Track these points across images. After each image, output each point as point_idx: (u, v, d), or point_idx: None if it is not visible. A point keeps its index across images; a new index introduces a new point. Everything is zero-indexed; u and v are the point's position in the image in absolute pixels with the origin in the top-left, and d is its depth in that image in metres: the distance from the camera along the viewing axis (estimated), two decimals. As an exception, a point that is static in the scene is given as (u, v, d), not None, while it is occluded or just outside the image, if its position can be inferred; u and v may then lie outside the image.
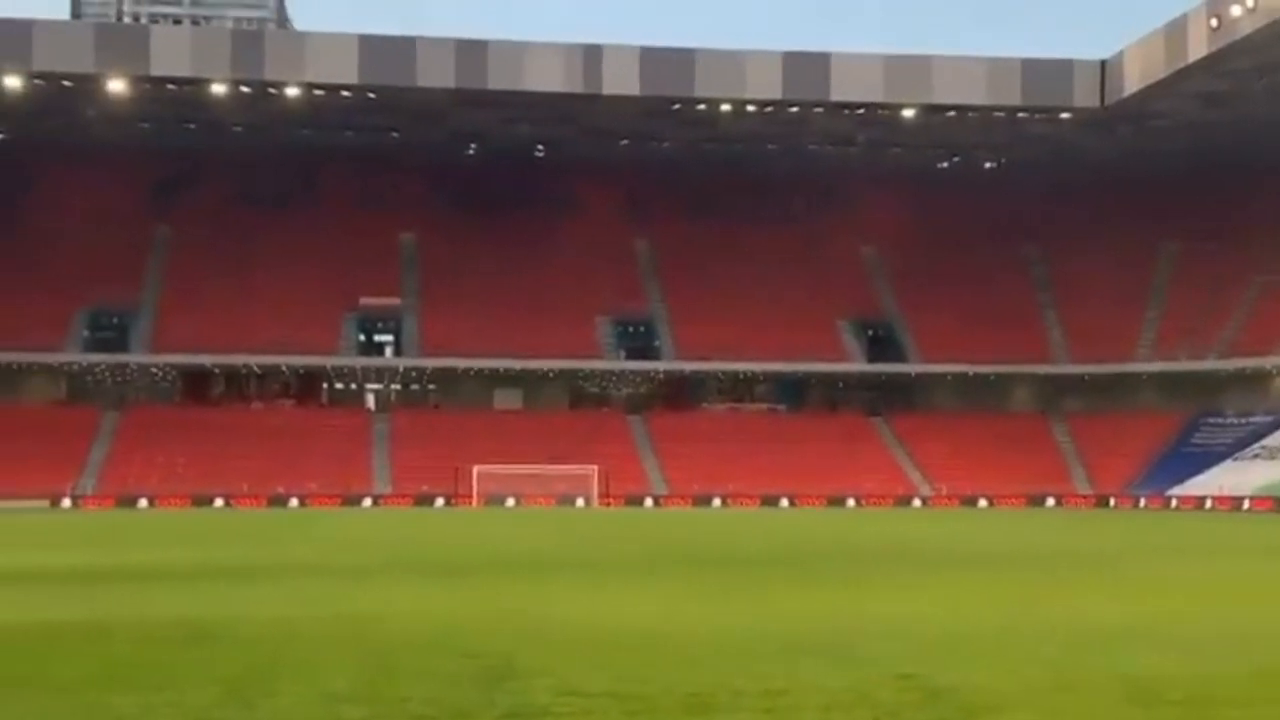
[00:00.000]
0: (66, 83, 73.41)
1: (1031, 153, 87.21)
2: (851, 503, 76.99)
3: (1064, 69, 77.36)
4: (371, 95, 75.86)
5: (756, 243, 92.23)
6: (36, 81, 72.57)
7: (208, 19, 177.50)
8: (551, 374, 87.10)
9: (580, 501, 76.26)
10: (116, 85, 73.28)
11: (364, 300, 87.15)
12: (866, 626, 15.06)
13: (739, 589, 20.11)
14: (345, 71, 73.76)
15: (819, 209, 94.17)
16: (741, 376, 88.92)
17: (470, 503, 74.94)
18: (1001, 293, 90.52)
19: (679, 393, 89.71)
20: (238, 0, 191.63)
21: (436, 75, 74.10)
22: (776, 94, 76.34)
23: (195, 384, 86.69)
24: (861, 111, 78.83)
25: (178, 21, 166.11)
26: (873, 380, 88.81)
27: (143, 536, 37.56)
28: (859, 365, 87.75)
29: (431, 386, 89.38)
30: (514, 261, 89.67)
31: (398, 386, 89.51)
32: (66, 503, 73.79)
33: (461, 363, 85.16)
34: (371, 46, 74.33)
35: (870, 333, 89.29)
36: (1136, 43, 74.54)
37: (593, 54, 75.65)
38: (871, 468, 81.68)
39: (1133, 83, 73.83)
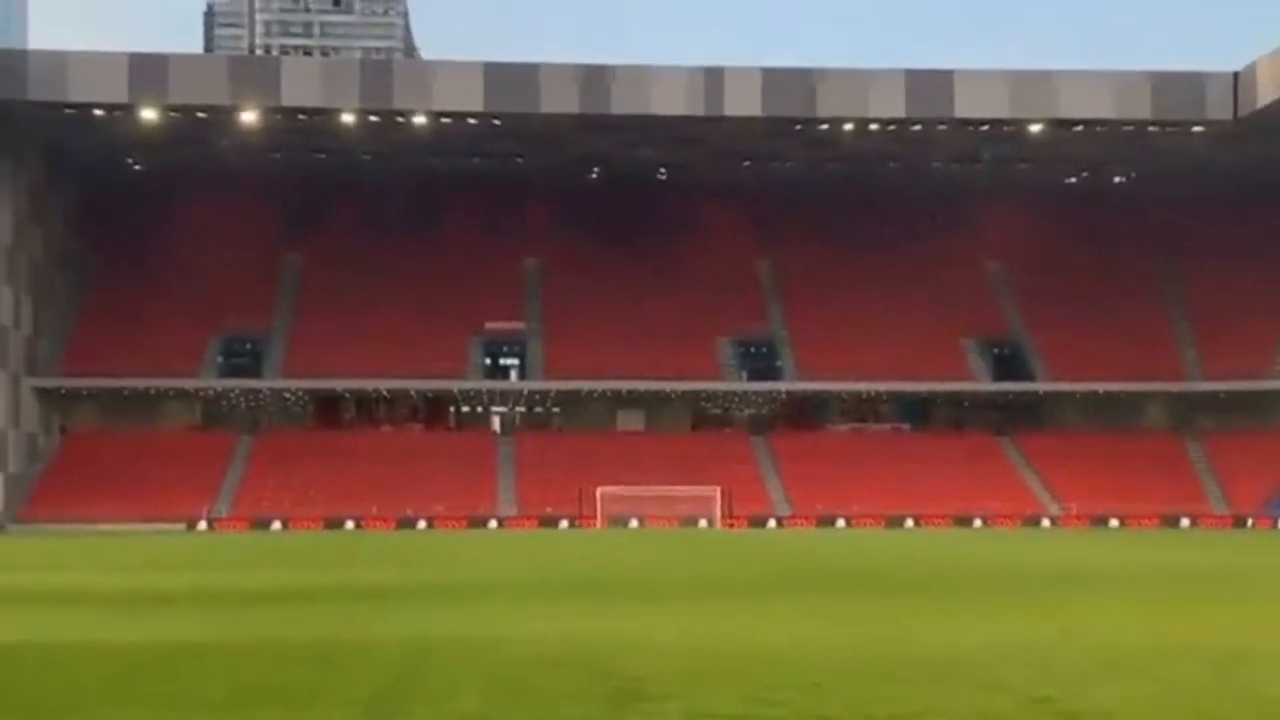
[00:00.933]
0: (201, 114, 75.41)
1: (1163, 167, 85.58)
2: (978, 523, 75.99)
3: (1195, 82, 75.88)
4: (496, 122, 76.82)
5: (879, 261, 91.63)
6: (172, 114, 74.64)
7: (337, 50, 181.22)
8: (674, 395, 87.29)
9: (703, 522, 76.25)
10: (249, 116, 75.10)
11: (489, 324, 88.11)
12: (1000, 649, 14.89)
13: (868, 610, 19.99)
14: (471, 99, 74.81)
15: (943, 226, 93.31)
16: (865, 396, 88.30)
17: (594, 524, 75.32)
18: (1132, 309, 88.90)
19: (802, 413, 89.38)
20: (367, 31, 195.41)
21: (560, 101, 74.85)
22: (900, 112, 75.90)
23: (326, 408, 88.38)
24: (986, 128, 78.07)
25: (308, 53, 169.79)
26: (999, 399, 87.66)
27: (276, 558, 38.32)
28: (985, 384, 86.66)
29: (555, 409, 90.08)
30: (636, 284, 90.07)
31: (522, 409, 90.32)
32: (203, 525, 75.51)
33: (585, 385, 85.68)
34: (496, 74, 75.30)
35: (996, 351, 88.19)
36: (1269, 54, 72.89)
37: (715, 76, 75.90)
38: (998, 487, 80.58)
39: (1266, 94, 72.19)
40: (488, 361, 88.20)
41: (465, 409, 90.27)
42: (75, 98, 72.80)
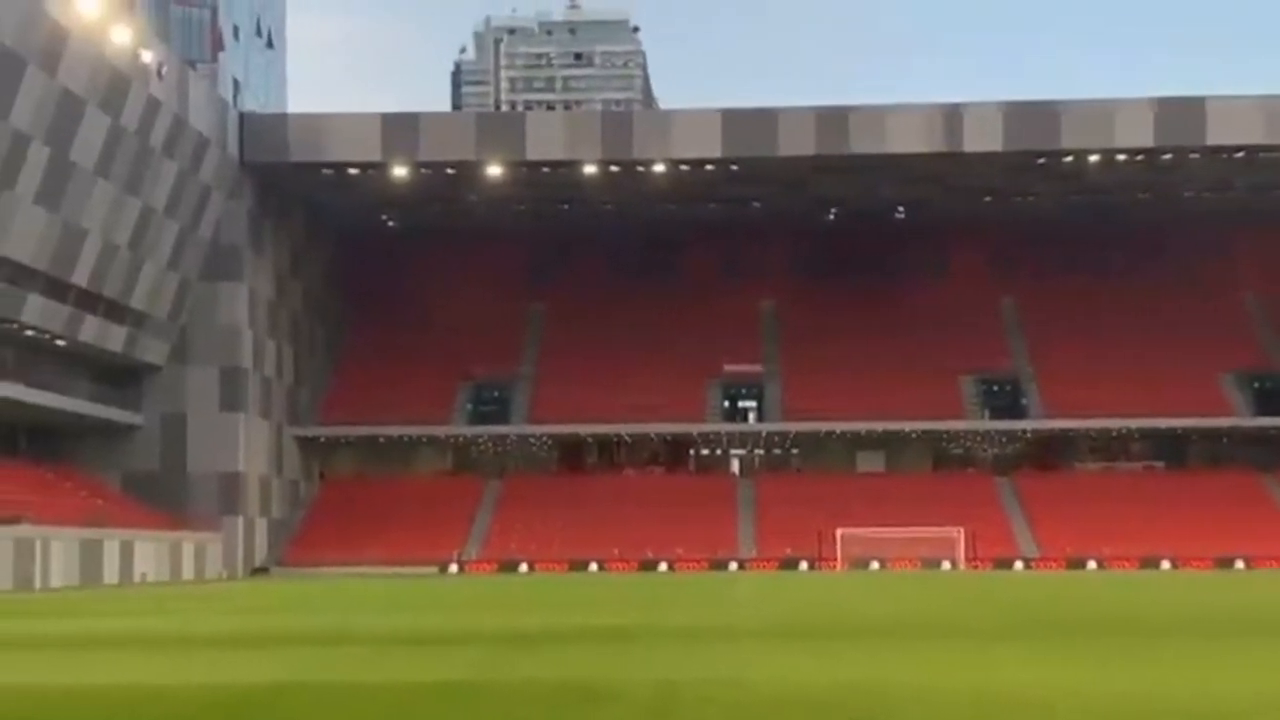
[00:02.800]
0: (450, 170, 78.17)
1: None
2: (1240, 565, 72.83)
3: None
4: (734, 167, 77.53)
5: (1129, 295, 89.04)
6: (423, 170, 77.56)
7: (579, 103, 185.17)
8: (915, 435, 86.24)
9: (946, 564, 75.03)
10: (495, 170, 77.47)
11: (727, 367, 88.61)
12: (1271, 698, 14.34)
13: (1127, 655, 19.43)
14: (709, 146, 75.73)
15: (1196, 257, 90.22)
16: (1115, 434, 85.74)
17: (835, 566, 74.81)
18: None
19: (1048, 452, 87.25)
20: (607, 83, 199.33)
21: (797, 143, 75.21)
22: (1148, 141, 73.93)
23: (570, 452, 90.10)
24: (1240, 155, 75.30)
25: (551, 107, 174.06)
26: (1260, 435, 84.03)
27: (525, 600, 39.18)
28: (1245, 419, 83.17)
29: (794, 450, 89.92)
30: (875, 323, 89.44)
31: (761, 451, 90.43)
32: (453, 568, 77.64)
33: (824, 426, 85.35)
34: (734, 120, 76.07)
35: (1256, 384, 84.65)
36: None
37: (954, 113, 75.18)
38: (1262, 528, 77.13)
39: None
40: (726, 404, 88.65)
41: (705, 451, 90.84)
42: (332, 158, 76.33)
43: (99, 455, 74.86)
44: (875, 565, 75.05)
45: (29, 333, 63.60)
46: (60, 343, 66.34)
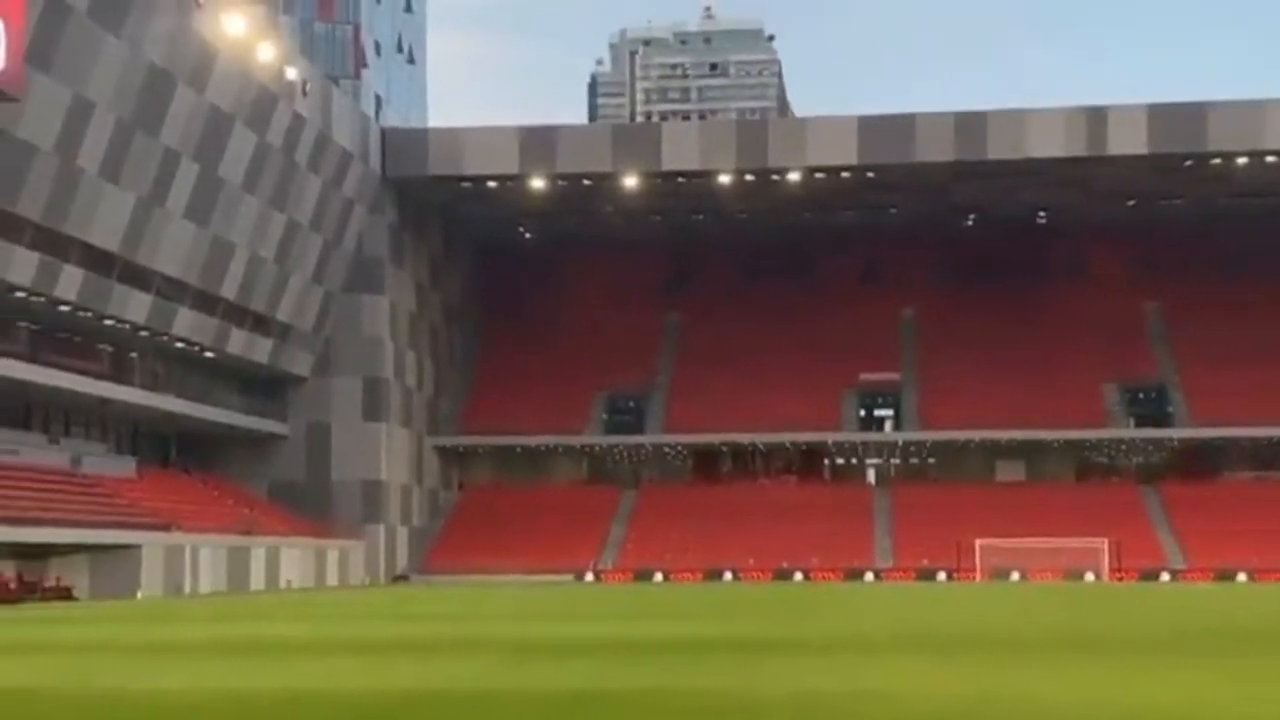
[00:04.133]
0: (586, 181, 78.80)
1: None
2: (1402, 580, 70.36)
3: None
4: (870, 174, 77.03)
5: (1278, 299, 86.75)
6: (560, 182, 78.29)
7: (714, 112, 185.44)
8: (1056, 444, 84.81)
9: (1089, 575, 73.61)
10: (630, 181, 77.90)
11: (863, 376, 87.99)
12: None
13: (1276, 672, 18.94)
14: (845, 153, 75.37)
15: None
16: (1266, 442, 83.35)
17: (973, 577, 73.84)
18: None
19: (1195, 461, 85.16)
20: (742, 92, 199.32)
21: (935, 149, 74.54)
22: (1299, 142, 71.98)
23: (705, 462, 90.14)
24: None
25: (686, 117, 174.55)
26: None
27: (660, 609, 39.31)
28: None
29: (931, 460, 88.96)
30: (1015, 331, 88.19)
31: (897, 460, 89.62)
32: (589, 576, 78.13)
33: (962, 435, 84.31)
34: (870, 126, 75.60)
35: None
36: None
37: (1097, 116, 73.91)
38: None
39: None
40: (862, 413, 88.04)
41: (840, 461, 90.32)
42: (471, 171, 77.46)
43: (246, 464, 76.71)
44: (1016, 576, 73.91)
45: (179, 345, 65.45)
46: (209, 355, 68.15)
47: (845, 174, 77.35)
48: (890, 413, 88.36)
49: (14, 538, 49.62)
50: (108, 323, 59.21)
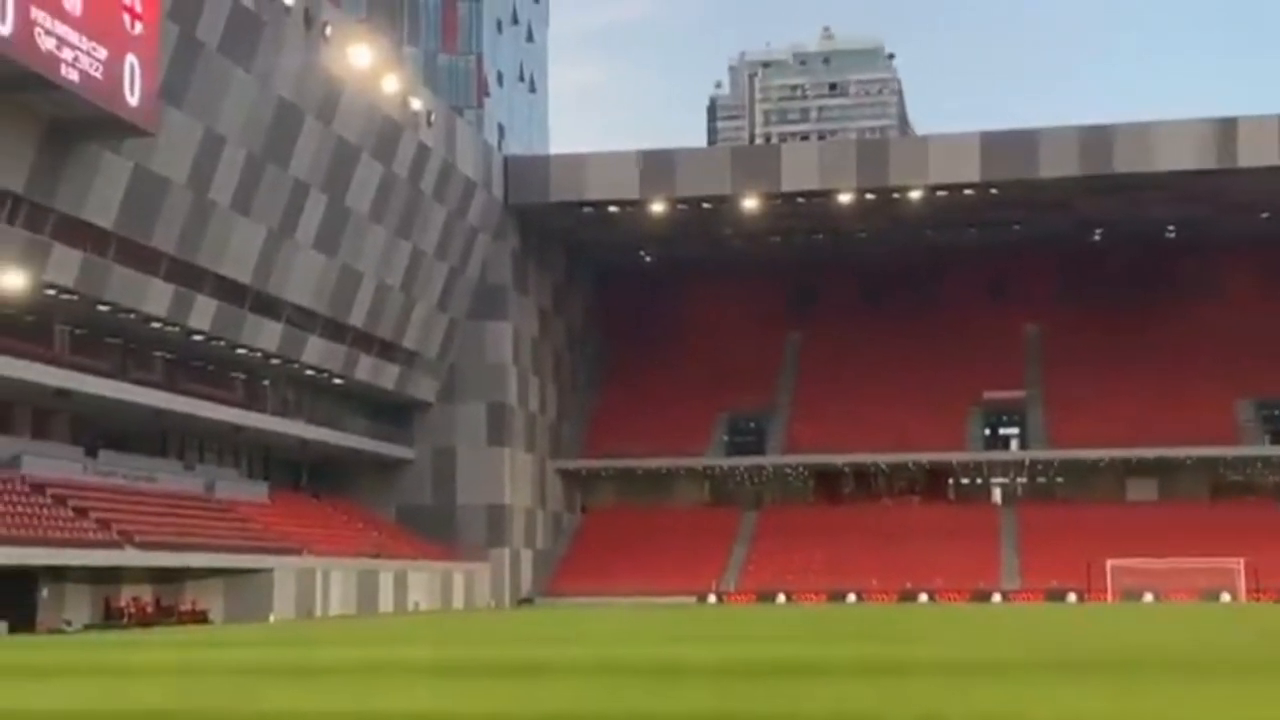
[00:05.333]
0: (706, 204, 79.04)
1: None
2: None
3: None
4: (994, 190, 76.28)
5: None
6: (680, 206, 78.64)
7: (833, 132, 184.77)
8: (1189, 462, 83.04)
9: (1225, 596, 71.94)
10: (750, 203, 77.98)
11: (988, 394, 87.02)
12: None
13: None
14: (967, 170, 74.78)
15: None
16: None
17: (1104, 598, 72.57)
18: None
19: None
20: (862, 111, 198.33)
21: (1059, 164, 73.67)
22: None
23: (826, 483, 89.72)
24: None
25: (805, 138, 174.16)
26: None
27: (784, 631, 39.19)
28: None
29: (1059, 479, 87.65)
30: (1143, 346, 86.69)
31: (1024, 480, 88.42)
32: (712, 598, 78.08)
33: (1090, 454, 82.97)
34: (993, 143, 74.95)
35: None
36: None
37: (1226, 127, 72.48)
38: None
39: None
40: (987, 432, 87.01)
41: (965, 480, 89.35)
42: (592, 197, 78.16)
43: (374, 489, 77.97)
44: (1149, 598, 72.49)
45: (309, 372, 66.81)
46: (338, 382, 69.46)
47: (968, 191, 76.71)
48: (1016, 431, 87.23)
49: (151, 562, 50.95)
50: (240, 351, 60.67)
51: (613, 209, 79.69)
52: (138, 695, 19.20)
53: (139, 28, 45.53)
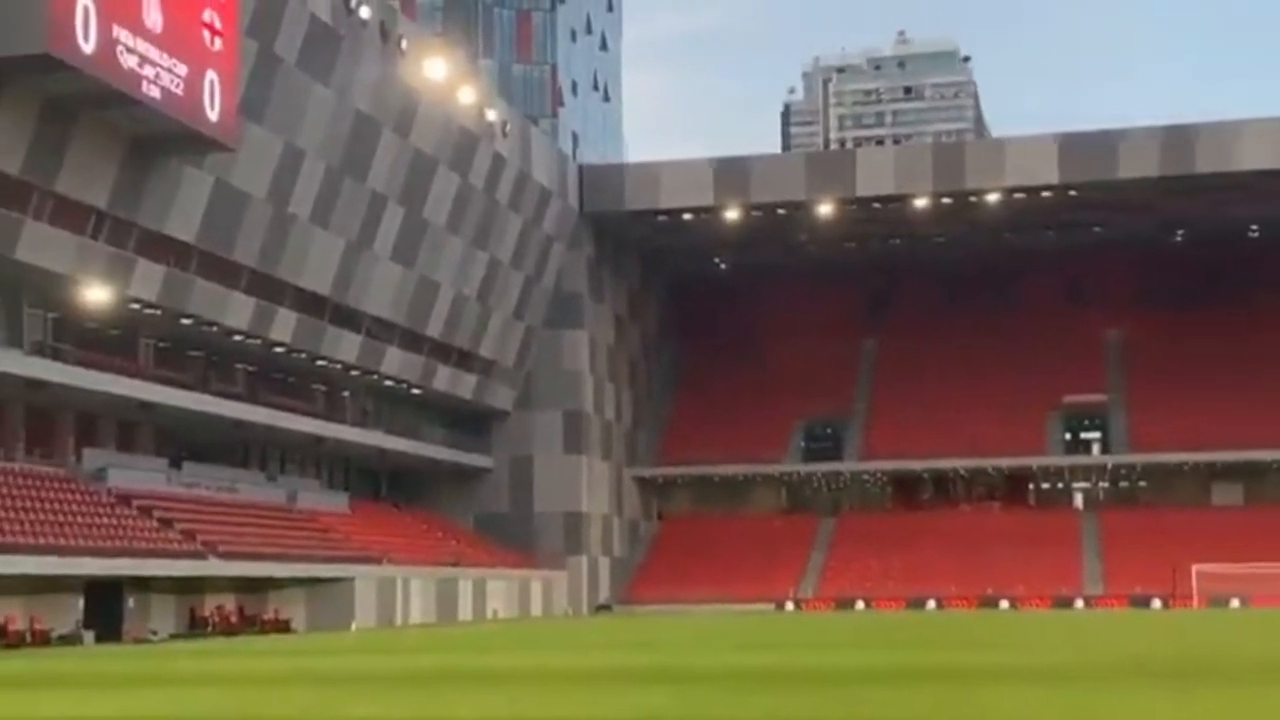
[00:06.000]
0: (780, 211, 78.90)
1: None
2: None
3: None
4: (1072, 192, 75.54)
5: None
6: (754, 213, 78.56)
7: (909, 136, 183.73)
8: (1275, 465, 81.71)
9: (1317, 603, 70.66)
10: (825, 209, 77.77)
11: (1068, 398, 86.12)
12: None
13: None
14: (1045, 172, 74.13)
15: None
16: None
17: (1190, 604, 71.53)
18: None
19: None
20: (937, 115, 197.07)
21: (1140, 165, 72.86)
22: None
23: (905, 489, 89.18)
24: None
25: (880, 142, 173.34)
26: None
27: (864, 638, 39.00)
28: None
29: (1142, 483, 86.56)
30: (1227, 348, 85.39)
31: (1106, 484, 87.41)
32: (790, 606, 77.86)
33: (1174, 457, 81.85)
34: (1071, 144, 74.25)
35: None
36: None
37: (1312, 124, 71.34)
38: None
39: None
40: (1068, 436, 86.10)
41: (1045, 485, 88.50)
42: (666, 204, 78.32)
43: (453, 498, 78.49)
44: (1236, 603, 71.34)
45: (388, 383, 67.41)
46: (416, 392, 70.02)
47: (1046, 193, 75.99)
48: (1097, 435, 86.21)
49: (235, 572, 51.63)
50: (320, 363, 61.35)
51: (687, 216, 79.75)
52: (224, 704, 19.49)
53: (218, 44, 46.23)
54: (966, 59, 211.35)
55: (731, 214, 78.37)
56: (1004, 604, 74.86)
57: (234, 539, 52.71)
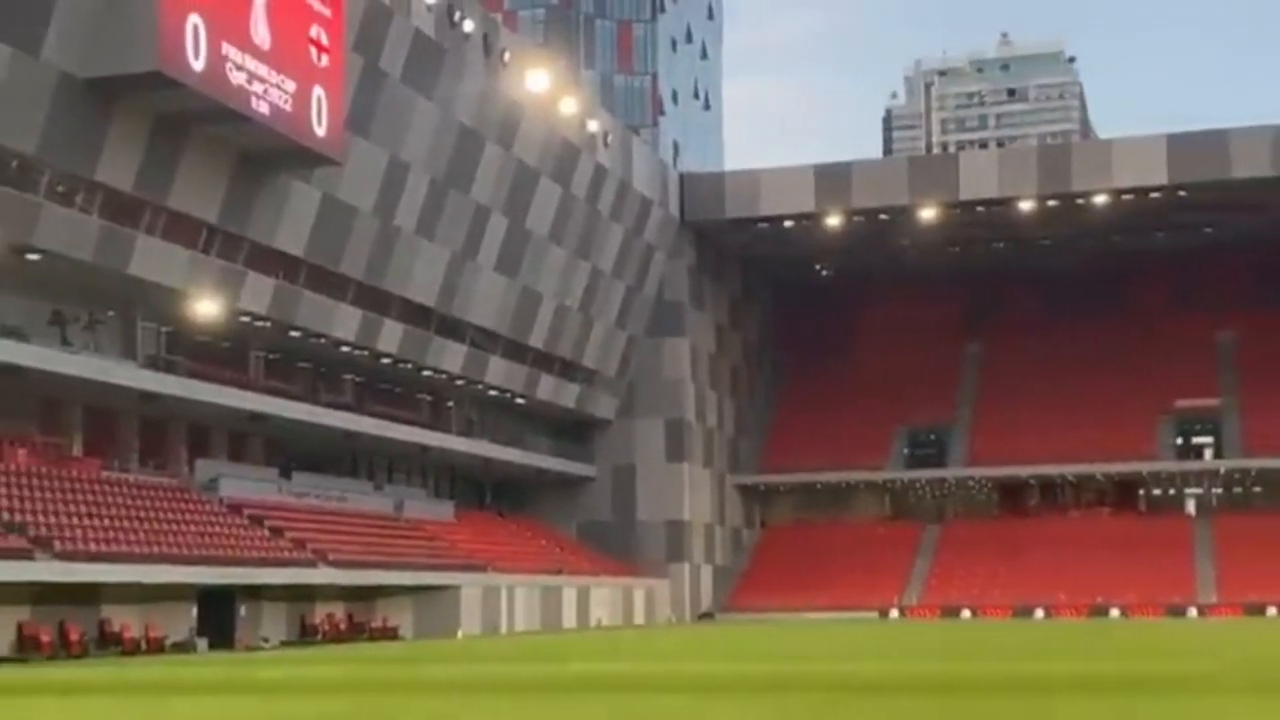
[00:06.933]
0: (882, 216, 78.41)
1: None
2: None
3: None
4: (1182, 193, 74.25)
5: None
6: (856, 218, 78.14)
7: (1013, 139, 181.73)
8: (1399, 471, 79.61)
9: None
10: (927, 213, 77.14)
11: (1179, 402, 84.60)
12: None
13: None
14: (1153, 173, 72.98)
15: None
16: None
17: (1312, 613, 69.93)
18: None
19: None
20: (1041, 117, 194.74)
21: (1252, 164, 71.44)
22: None
23: (1010, 495, 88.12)
24: None
25: (984, 145, 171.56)
26: None
27: (969, 647, 38.58)
28: None
29: (1257, 489, 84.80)
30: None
31: (1219, 490, 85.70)
32: (894, 614, 77.25)
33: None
34: (1180, 144, 73.00)
35: None
36: None
37: None
38: None
39: None
40: (1179, 441, 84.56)
41: (1156, 491, 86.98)
42: (767, 212, 78.17)
43: (556, 506, 78.92)
44: (1358, 612, 69.76)
45: (492, 393, 67.97)
46: (520, 401, 70.51)
47: (1155, 195, 74.76)
48: (1210, 440, 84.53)
49: (344, 580, 52.33)
50: (425, 373, 62.02)
51: (788, 223, 79.51)
52: (336, 710, 19.76)
53: (325, 60, 46.95)
54: (1072, 59, 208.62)
55: (833, 220, 78.00)
56: (1114, 612, 73.69)
57: (343, 547, 53.44)
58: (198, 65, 40.68)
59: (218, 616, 46.81)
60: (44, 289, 44.09)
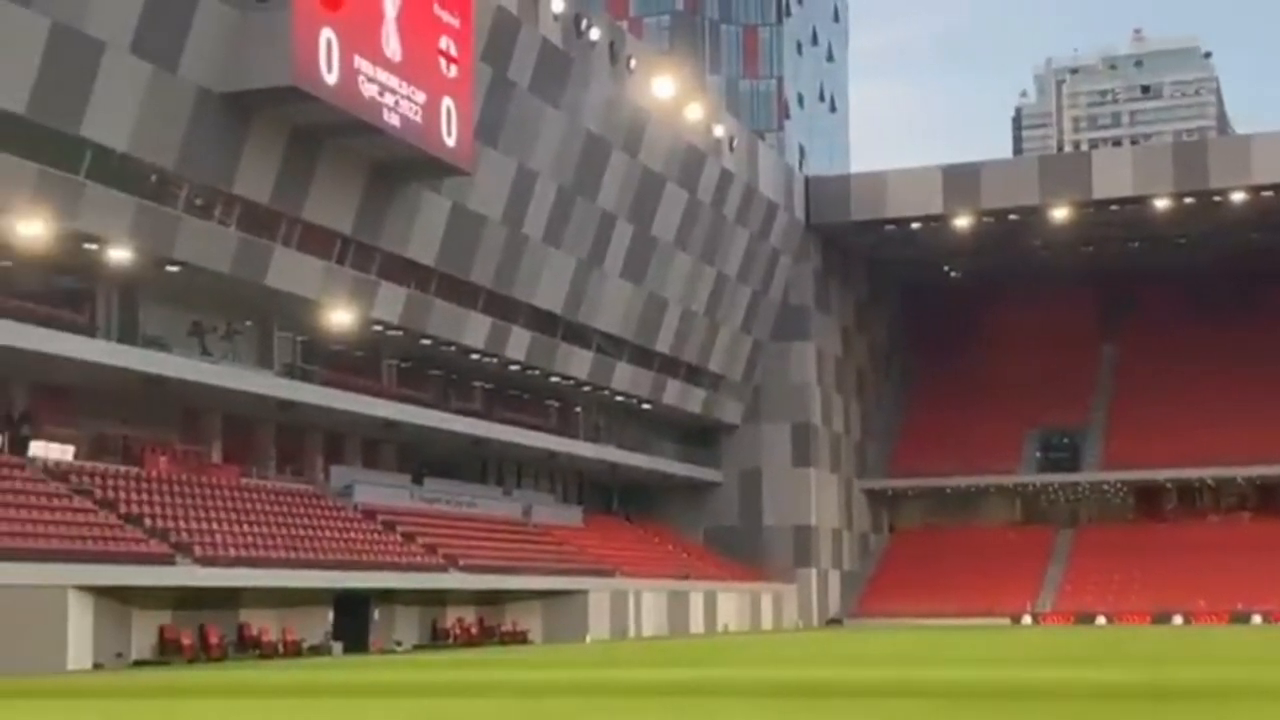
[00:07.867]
0: (1012, 216, 77.38)
1: None
2: None
3: None
4: (1325, 188, 72.28)
5: None
6: (985, 219, 77.22)
7: (1147, 136, 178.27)
8: None
9: None
10: (1059, 213, 75.98)
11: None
12: None
13: None
14: (1294, 168, 71.19)
15: None
16: None
17: None
18: None
19: None
20: (1176, 113, 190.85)
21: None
22: None
23: (1146, 499, 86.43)
24: None
25: (1117, 143, 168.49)
26: None
27: (1107, 653, 37.91)
28: None
29: None
30: None
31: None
32: (1027, 620, 76.14)
33: None
34: (1327, 137, 71.10)
35: None
36: None
37: None
38: None
39: None
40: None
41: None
42: (894, 214, 77.61)
43: (683, 511, 79.04)
44: None
45: (619, 398, 68.31)
46: (646, 406, 70.76)
47: (1296, 190, 72.88)
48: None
49: (475, 584, 52.95)
50: (553, 380, 62.54)
51: (916, 225, 78.83)
52: (476, 714, 20.03)
53: (454, 71, 47.60)
54: (1208, 55, 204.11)
55: (961, 221, 77.17)
56: (1256, 619, 71.89)
57: (473, 552, 54.07)
58: (331, 79, 41.49)
59: (352, 620, 47.57)
60: (183, 300, 45.29)
